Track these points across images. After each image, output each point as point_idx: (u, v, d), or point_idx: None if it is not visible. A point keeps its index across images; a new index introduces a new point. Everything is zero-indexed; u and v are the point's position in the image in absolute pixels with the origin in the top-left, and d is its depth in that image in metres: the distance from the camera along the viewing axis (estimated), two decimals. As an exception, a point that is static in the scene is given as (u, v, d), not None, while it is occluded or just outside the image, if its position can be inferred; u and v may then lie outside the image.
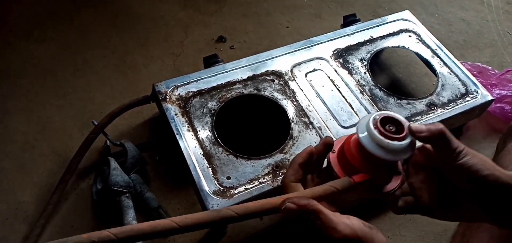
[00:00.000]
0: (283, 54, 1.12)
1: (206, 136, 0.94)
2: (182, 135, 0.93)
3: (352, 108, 1.03)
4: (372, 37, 1.20)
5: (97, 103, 1.17)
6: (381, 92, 1.07)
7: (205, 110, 0.99)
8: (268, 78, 1.07)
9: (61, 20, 1.40)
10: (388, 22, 1.25)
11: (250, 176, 0.88)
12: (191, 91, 1.02)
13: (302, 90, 1.05)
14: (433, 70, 1.15)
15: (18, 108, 1.15)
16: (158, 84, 1.02)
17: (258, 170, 0.89)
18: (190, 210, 0.99)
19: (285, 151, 0.93)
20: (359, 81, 1.09)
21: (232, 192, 0.85)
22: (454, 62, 1.16)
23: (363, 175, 0.51)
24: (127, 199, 0.93)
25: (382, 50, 1.24)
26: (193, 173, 0.87)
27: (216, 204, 0.82)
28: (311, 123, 0.99)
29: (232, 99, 1.02)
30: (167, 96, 1.00)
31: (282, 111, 1.01)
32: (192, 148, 0.91)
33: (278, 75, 1.08)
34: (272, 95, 1.03)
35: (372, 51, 1.17)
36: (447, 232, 0.98)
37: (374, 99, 1.05)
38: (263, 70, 1.08)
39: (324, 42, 1.17)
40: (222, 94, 1.02)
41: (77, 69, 1.26)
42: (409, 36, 1.22)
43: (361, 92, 1.06)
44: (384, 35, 1.21)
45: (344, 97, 1.05)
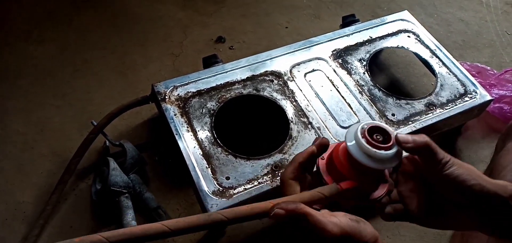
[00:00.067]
0: (282, 55, 1.12)
1: (205, 136, 0.94)
2: (181, 136, 0.93)
3: (351, 108, 1.03)
4: (371, 37, 1.20)
5: (96, 103, 1.17)
6: (380, 92, 1.07)
7: (204, 110, 0.99)
8: (267, 78, 1.07)
9: (60, 20, 1.40)
10: (387, 23, 1.25)
11: (249, 176, 0.88)
12: (190, 92, 1.02)
13: (301, 90, 1.05)
14: (432, 70, 1.16)
15: (17, 108, 1.15)
16: (157, 85, 1.02)
17: (257, 170, 0.89)
18: (189, 210, 0.99)
19: (284, 151, 0.93)
20: (358, 81, 1.09)
21: (231, 192, 0.85)
22: (453, 62, 1.16)
23: (350, 182, 0.53)
24: (126, 199, 0.93)
25: (381, 51, 1.24)
26: (192, 173, 0.87)
27: (215, 204, 0.82)
28: (310, 123, 0.99)
29: (231, 100, 1.02)
30: (166, 97, 1.00)
31: (281, 111, 1.01)
32: (191, 149, 0.91)
33: (277, 75, 1.08)
34: (271, 95, 1.03)
35: (371, 52, 1.17)
36: (446, 232, 0.98)
37: (373, 99, 1.05)
38: (262, 71, 1.08)
39: (323, 42, 1.17)
40: (221, 94, 1.02)
41: (76, 69, 1.26)
42: (408, 36, 1.23)
43: (360, 92, 1.07)
44: (383, 36, 1.21)
45: (343, 97, 1.05)
